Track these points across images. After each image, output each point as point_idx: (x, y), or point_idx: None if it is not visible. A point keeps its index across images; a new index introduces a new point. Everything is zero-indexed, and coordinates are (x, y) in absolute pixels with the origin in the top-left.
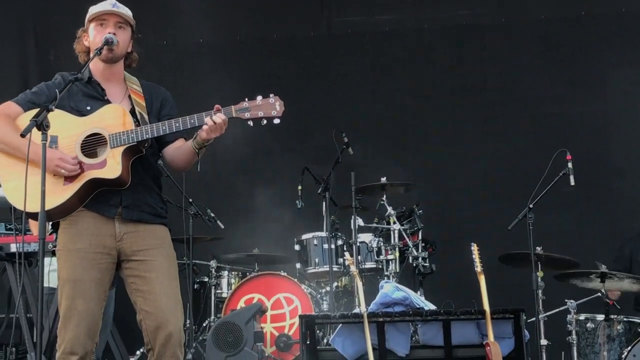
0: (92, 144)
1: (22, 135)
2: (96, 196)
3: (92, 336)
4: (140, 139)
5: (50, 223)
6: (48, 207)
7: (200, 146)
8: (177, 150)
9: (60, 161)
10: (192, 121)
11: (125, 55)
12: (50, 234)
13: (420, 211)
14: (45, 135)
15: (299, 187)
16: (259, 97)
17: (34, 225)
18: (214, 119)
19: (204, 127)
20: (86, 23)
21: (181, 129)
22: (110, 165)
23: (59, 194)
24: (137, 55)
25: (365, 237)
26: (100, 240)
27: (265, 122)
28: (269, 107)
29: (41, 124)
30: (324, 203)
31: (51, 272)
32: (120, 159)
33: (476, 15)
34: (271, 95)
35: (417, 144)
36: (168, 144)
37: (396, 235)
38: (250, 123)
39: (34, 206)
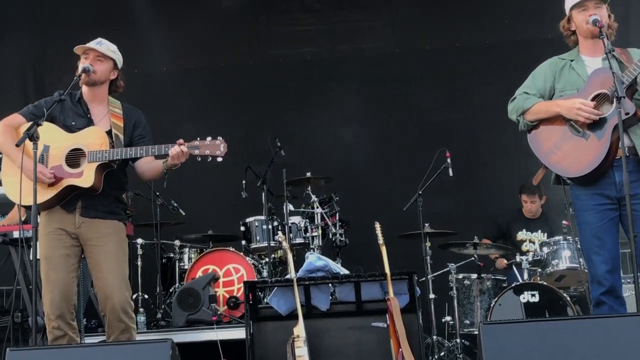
0: (76, 157)
1: (17, 145)
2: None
3: (67, 299)
4: (111, 159)
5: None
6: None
7: (168, 169)
8: (147, 166)
9: (40, 174)
10: (153, 150)
11: (107, 82)
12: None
13: (337, 198)
14: (36, 144)
15: (243, 182)
16: (209, 138)
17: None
18: (174, 150)
19: (170, 156)
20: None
21: (144, 155)
22: (86, 176)
23: (44, 194)
24: (122, 83)
25: (295, 219)
26: (63, 225)
27: (210, 159)
28: (214, 147)
29: (32, 136)
30: (262, 193)
31: None
32: (94, 172)
33: (378, 47)
34: (219, 137)
35: (334, 145)
36: (138, 159)
37: (319, 217)
38: (198, 159)
39: (25, 201)
